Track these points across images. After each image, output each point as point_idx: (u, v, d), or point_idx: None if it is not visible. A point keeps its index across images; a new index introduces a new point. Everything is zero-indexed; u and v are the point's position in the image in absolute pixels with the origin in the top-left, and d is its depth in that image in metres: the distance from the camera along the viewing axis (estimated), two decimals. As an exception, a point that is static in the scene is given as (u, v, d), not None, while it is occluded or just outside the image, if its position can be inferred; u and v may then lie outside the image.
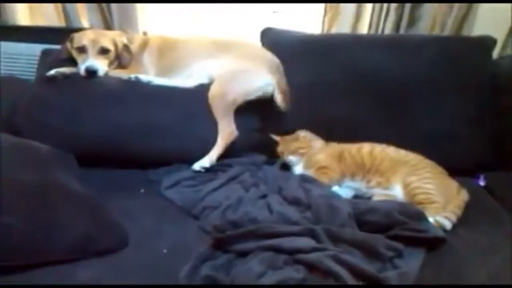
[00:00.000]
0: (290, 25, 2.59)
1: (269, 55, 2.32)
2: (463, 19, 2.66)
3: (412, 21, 2.73)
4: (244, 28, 2.77)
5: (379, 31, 2.74)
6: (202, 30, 2.79)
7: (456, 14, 2.63)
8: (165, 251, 1.53)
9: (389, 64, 2.26)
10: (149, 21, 2.83)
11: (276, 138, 2.16)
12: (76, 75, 2.18)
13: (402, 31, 2.71)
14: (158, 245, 1.55)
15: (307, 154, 2.11)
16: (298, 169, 2.10)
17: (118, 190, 1.90)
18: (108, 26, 2.75)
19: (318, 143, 2.15)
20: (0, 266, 1.34)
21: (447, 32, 2.67)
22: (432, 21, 2.70)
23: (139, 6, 2.73)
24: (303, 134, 2.15)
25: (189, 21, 2.84)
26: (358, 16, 2.77)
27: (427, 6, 2.67)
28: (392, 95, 2.23)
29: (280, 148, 2.15)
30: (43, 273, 1.38)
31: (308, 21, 2.85)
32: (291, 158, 2.11)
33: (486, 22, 2.63)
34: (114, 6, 2.68)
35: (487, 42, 2.31)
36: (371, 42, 2.40)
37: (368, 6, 2.72)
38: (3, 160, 1.53)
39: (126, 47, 2.33)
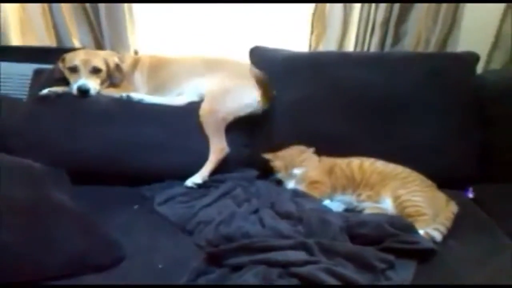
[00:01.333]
0: (277, 43, 2.62)
1: (258, 73, 2.34)
2: (447, 35, 2.71)
3: (397, 38, 2.77)
4: (232, 46, 2.80)
5: (365, 48, 2.78)
6: (192, 49, 2.82)
7: (440, 30, 2.68)
8: (160, 266, 1.53)
9: (375, 80, 2.30)
10: (140, 40, 2.85)
11: (269, 156, 2.17)
12: (68, 95, 2.20)
13: (387, 47, 2.76)
14: (153, 261, 1.56)
15: (308, 167, 2.12)
16: (290, 184, 2.12)
17: (112, 206, 1.91)
18: (99, 45, 2.77)
19: (315, 157, 2.17)
20: (-4, 284, 1.35)
21: (431, 48, 2.71)
22: (417, 37, 2.75)
23: (129, 25, 2.75)
24: (301, 147, 2.17)
25: (179, 40, 2.86)
26: (344, 33, 2.80)
27: (412, 22, 2.72)
28: (379, 110, 2.26)
29: (279, 163, 2.15)
30: (37, 290, 1.39)
31: (295, 39, 2.89)
32: (296, 172, 2.11)
33: (469, 38, 2.68)
34: (105, 25, 2.70)
35: (470, 58, 2.36)
36: (357, 60, 2.44)
37: (354, 23, 2.76)
38: (-3, 178, 1.53)
39: (117, 66, 2.35)
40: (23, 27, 2.75)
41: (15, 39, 2.72)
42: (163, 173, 2.14)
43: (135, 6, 2.78)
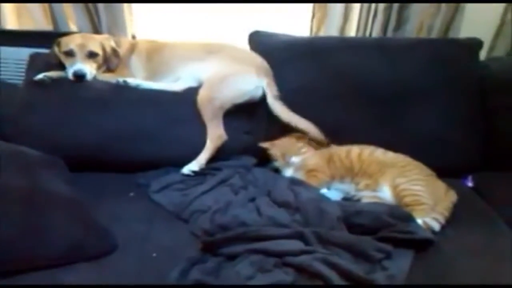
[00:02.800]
0: (278, 27, 2.58)
1: (258, 59, 2.32)
2: (450, 21, 2.67)
3: (400, 23, 2.73)
4: (232, 31, 2.77)
5: (367, 33, 2.74)
6: (190, 34, 2.79)
7: (443, 16, 2.64)
8: (154, 255, 1.53)
9: (377, 67, 2.27)
10: (138, 24, 2.82)
11: (265, 145, 2.15)
12: (64, 79, 2.17)
13: (389, 33, 2.72)
14: (148, 249, 1.55)
15: (306, 154, 2.11)
16: (288, 171, 2.10)
17: (107, 194, 1.89)
18: (96, 29, 2.74)
19: (313, 144, 2.15)
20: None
21: (434, 33, 2.68)
22: (420, 23, 2.71)
23: (127, 9, 2.72)
24: (298, 135, 2.16)
25: (178, 24, 2.83)
26: (346, 18, 2.76)
27: (415, 8, 2.68)
28: (380, 97, 2.24)
29: (277, 151, 2.13)
30: (30, 278, 1.39)
31: (296, 23, 2.85)
32: (294, 159, 2.09)
33: (473, 24, 2.64)
34: (102, 9, 2.67)
35: (474, 44, 2.33)
36: (359, 45, 2.41)
37: (356, 8, 2.72)
38: (-9, 165, 1.52)
39: (114, 50, 2.32)
40: (19, 10, 2.72)
41: (10, 23, 2.69)
42: (159, 161, 2.12)
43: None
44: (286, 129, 2.18)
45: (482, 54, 2.43)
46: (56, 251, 1.45)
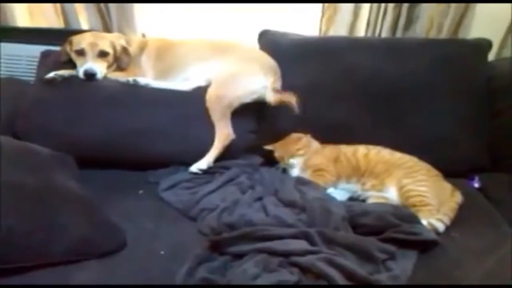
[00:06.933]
0: (288, 26, 2.59)
1: (267, 58, 2.32)
2: (460, 21, 2.66)
3: (409, 22, 2.73)
4: (242, 30, 2.78)
5: (377, 32, 2.74)
6: (200, 32, 2.79)
7: (453, 15, 2.63)
8: (162, 252, 1.55)
9: (385, 67, 2.27)
10: (148, 23, 2.83)
11: (270, 147, 2.17)
12: (75, 78, 2.19)
13: (399, 32, 2.72)
14: (156, 247, 1.58)
15: (305, 155, 2.12)
16: (295, 171, 2.11)
17: (117, 191, 1.92)
18: (107, 27, 2.76)
19: (314, 144, 2.17)
20: (-1, 268, 1.37)
21: (444, 33, 2.67)
22: (429, 22, 2.70)
23: (137, 8, 2.73)
24: (297, 136, 2.17)
25: (188, 22, 2.84)
26: (355, 17, 2.76)
27: (425, 7, 2.67)
28: (388, 98, 2.24)
29: (278, 153, 2.15)
30: (41, 274, 1.42)
31: (306, 22, 2.85)
32: (292, 161, 2.11)
33: (483, 23, 2.63)
34: (112, 8, 2.68)
35: (483, 45, 2.32)
36: (367, 45, 2.41)
37: (366, 7, 2.72)
38: (4, 163, 1.54)
39: (124, 49, 2.33)
40: (30, 8, 2.74)
41: (22, 20, 2.72)
42: (168, 159, 2.15)
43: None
44: (292, 129, 2.20)
45: (491, 54, 2.42)
46: (66, 248, 1.47)
